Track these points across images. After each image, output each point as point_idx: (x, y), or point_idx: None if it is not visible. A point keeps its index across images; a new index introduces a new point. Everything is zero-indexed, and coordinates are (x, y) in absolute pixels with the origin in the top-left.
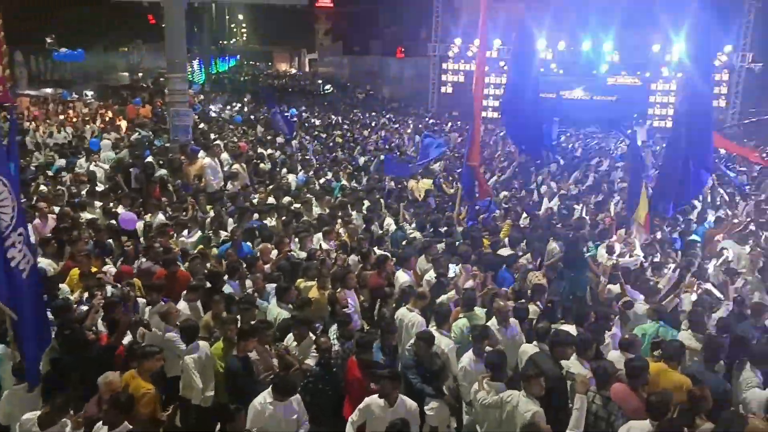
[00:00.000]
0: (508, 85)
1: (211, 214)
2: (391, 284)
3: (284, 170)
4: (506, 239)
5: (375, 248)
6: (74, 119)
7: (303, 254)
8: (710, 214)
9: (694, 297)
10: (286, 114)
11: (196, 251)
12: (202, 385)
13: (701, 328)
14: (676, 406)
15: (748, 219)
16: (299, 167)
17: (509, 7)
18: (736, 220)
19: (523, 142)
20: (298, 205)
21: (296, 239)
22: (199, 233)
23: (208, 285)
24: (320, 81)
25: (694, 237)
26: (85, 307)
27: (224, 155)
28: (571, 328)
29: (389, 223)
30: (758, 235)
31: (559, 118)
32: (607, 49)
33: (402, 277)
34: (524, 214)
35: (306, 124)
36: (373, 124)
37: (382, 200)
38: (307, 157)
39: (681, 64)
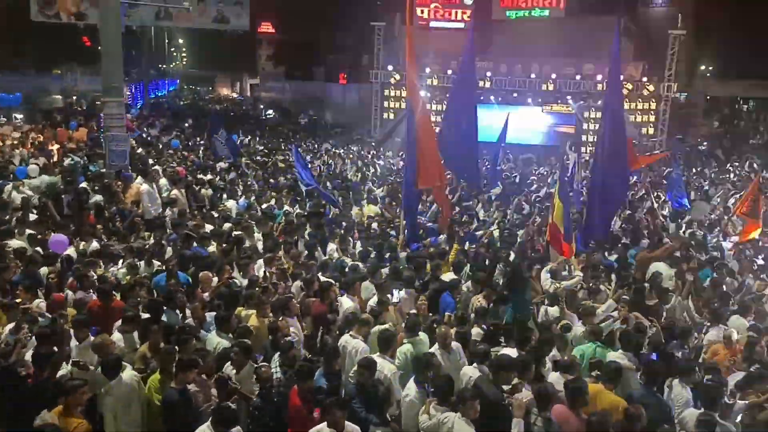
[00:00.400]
0: (446, 112)
1: (151, 241)
2: (334, 311)
3: (224, 196)
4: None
5: (318, 274)
6: (1, 144)
7: (244, 282)
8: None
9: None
10: (228, 139)
11: (128, 280)
12: (126, 417)
13: (633, 348)
14: (614, 426)
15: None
16: (240, 193)
17: (448, 36)
18: (666, 241)
19: (462, 170)
20: (239, 232)
21: (237, 267)
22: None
23: (146, 315)
24: (262, 106)
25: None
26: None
27: (163, 181)
28: (513, 351)
29: (332, 249)
30: (689, 257)
31: (503, 144)
32: (542, 78)
33: (346, 303)
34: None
35: (248, 150)
36: (316, 150)
37: (325, 226)
38: (249, 183)
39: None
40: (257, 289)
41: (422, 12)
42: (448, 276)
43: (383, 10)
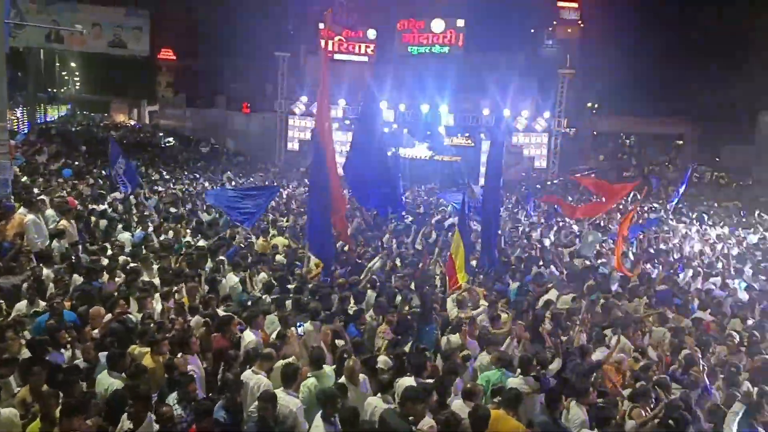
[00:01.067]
0: (353, 143)
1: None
2: (236, 346)
3: (119, 227)
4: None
5: (220, 308)
6: None
7: (138, 317)
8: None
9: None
10: (127, 168)
11: (11, 319)
12: None
13: (531, 372)
14: None
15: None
16: (136, 224)
17: (354, 69)
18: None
19: (372, 201)
20: (135, 265)
21: (133, 301)
22: None
23: (28, 356)
24: (161, 134)
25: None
26: None
27: (50, 211)
28: (411, 380)
29: (235, 281)
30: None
31: (400, 174)
32: (443, 112)
33: (248, 337)
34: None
35: (146, 179)
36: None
37: (225, 258)
38: (146, 213)
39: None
40: (152, 325)
41: (326, 44)
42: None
43: (288, 40)
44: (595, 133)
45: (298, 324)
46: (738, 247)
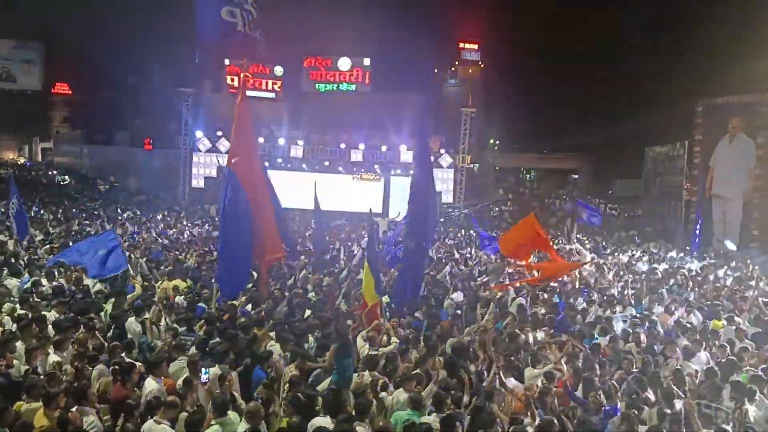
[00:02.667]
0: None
1: None
2: (137, 395)
3: (5, 272)
4: None
5: (122, 355)
6: None
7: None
8: (449, 299)
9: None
10: (18, 213)
11: None
12: None
13: (443, 409)
14: None
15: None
16: (24, 269)
17: (261, 105)
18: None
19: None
20: (23, 312)
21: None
22: None
23: None
24: (56, 171)
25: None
26: None
27: None
28: (326, 420)
29: (137, 326)
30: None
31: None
32: (351, 148)
33: (150, 385)
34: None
35: (39, 220)
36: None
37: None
38: (36, 257)
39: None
40: (42, 377)
41: (233, 80)
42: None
43: (192, 76)
44: (497, 168)
45: (204, 370)
46: (632, 276)
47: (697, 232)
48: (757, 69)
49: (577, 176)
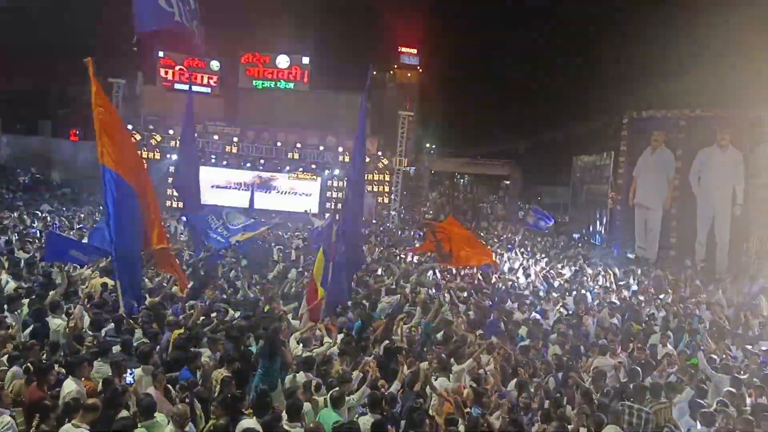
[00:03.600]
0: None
1: None
2: (54, 396)
3: None
4: None
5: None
6: None
7: None
8: (383, 301)
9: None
10: None
11: None
12: None
13: (377, 410)
14: None
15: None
16: None
17: (196, 99)
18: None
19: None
20: None
21: None
22: None
23: None
24: None
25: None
26: None
27: None
28: (253, 422)
29: (59, 324)
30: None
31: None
32: (287, 147)
33: (69, 386)
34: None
35: None
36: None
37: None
38: None
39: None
40: None
41: (166, 74)
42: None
43: (124, 66)
44: (432, 172)
45: (129, 371)
46: (558, 280)
47: (616, 239)
48: (678, 86)
49: (508, 182)
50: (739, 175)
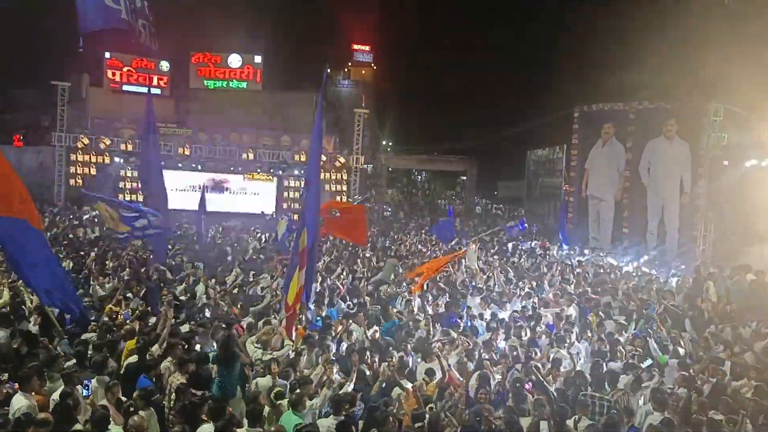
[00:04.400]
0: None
1: None
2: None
3: None
4: None
5: None
6: None
7: None
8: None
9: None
10: None
11: None
12: None
13: (340, 411)
14: None
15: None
16: None
17: (143, 101)
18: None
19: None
20: None
21: None
22: None
23: None
24: None
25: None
26: None
27: None
28: (209, 427)
29: (2, 336)
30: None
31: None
32: (242, 147)
33: (19, 402)
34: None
35: None
36: None
37: None
38: None
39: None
40: None
41: (114, 75)
42: None
43: (69, 69)
44: (390, 169)
45: (84, 383)
46: (514, 271)
47: (566, 229)
48: (626, 79)
49: (465, 178)
50: (686, 165)
